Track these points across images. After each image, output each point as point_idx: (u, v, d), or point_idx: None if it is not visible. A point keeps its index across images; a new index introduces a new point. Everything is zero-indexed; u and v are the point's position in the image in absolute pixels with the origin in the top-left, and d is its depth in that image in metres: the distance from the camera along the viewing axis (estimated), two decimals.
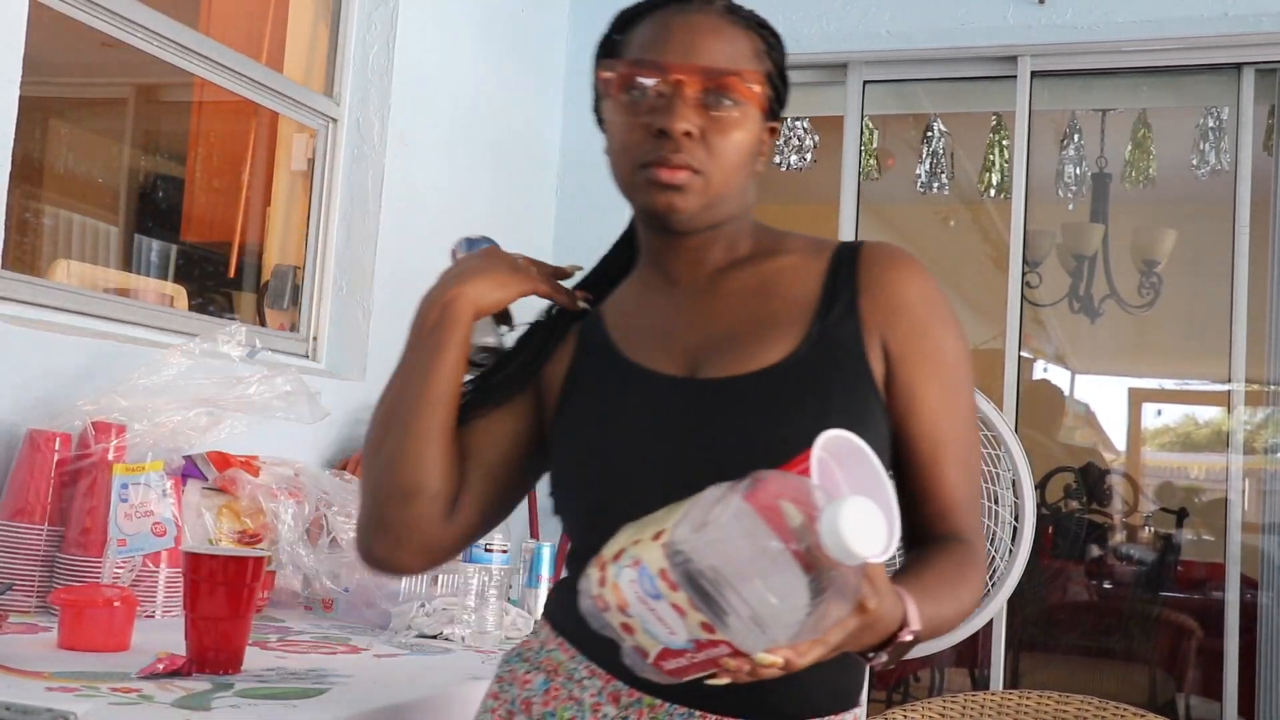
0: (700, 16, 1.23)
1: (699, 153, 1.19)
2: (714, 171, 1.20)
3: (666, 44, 1.21)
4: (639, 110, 1.21)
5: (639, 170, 1.21)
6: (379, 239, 2.94)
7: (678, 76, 1.19)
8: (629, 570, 0.89)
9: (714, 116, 1.20)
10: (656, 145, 1.19)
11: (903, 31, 3.55)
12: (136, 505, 1.82)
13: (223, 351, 2.07)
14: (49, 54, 2.44)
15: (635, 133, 1.21)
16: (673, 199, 1.19)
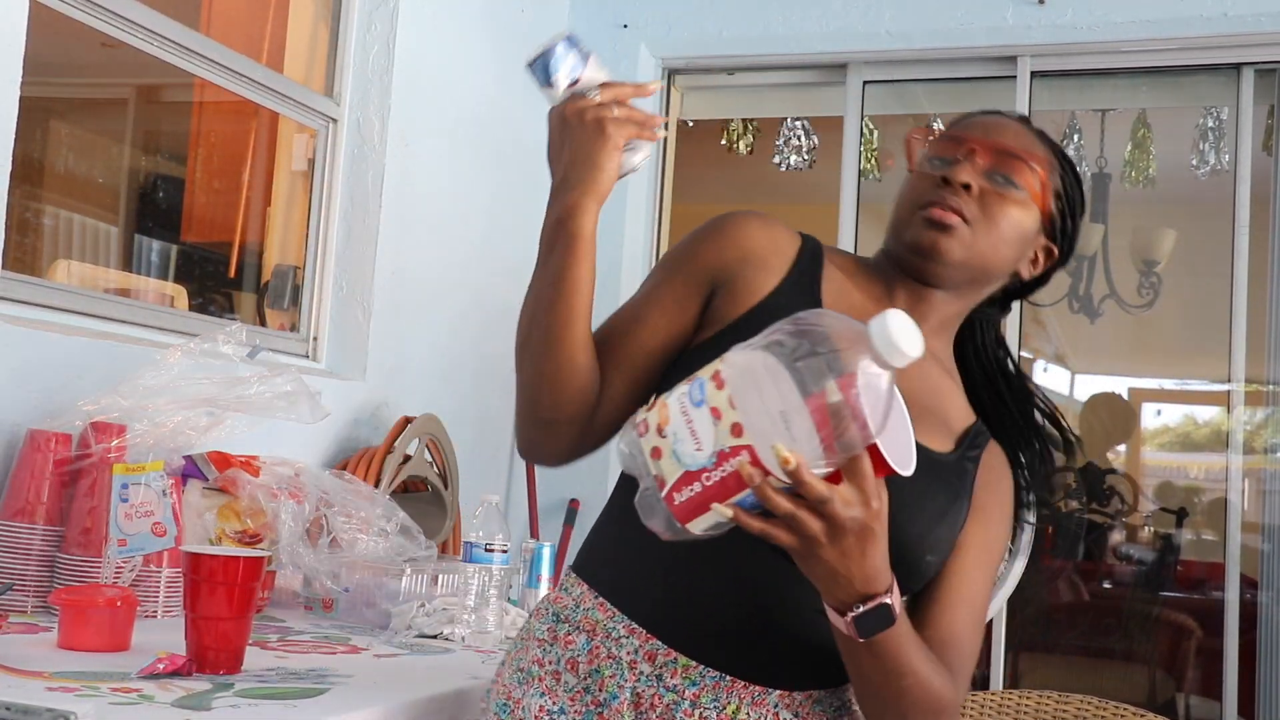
0: (1009, 120, 1.38)
1: (973, 207, 1.30)
2: (981, 230, 1.31)
3: (972, 127, 1.36)
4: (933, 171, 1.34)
5: (915, 210, 1.32)
6: (379, 239, 2.94)
7: (971, 146, 1.33)
8: (682, 385, 0.99)
9: (995, 185, 1.32)
10: (936, 189, 1.31)
11: (903, 31, 3.56)
12: (137, 505, 1.82)
13: (223, 351, 2.07)
14: (49, 54, 2.44)
15: (923, 182, 1.34)
16: (938, 238, 1.30)
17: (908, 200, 1.35)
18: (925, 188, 1.33)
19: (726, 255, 1.33)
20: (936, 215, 1.30)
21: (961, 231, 1.30)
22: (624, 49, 3.77)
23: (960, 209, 1.30)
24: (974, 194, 1.31)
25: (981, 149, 1.33)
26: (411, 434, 2.67)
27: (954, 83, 3.76)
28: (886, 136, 4.40)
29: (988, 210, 1.31)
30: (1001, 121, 1.38)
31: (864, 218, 3.74)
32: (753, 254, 1.33)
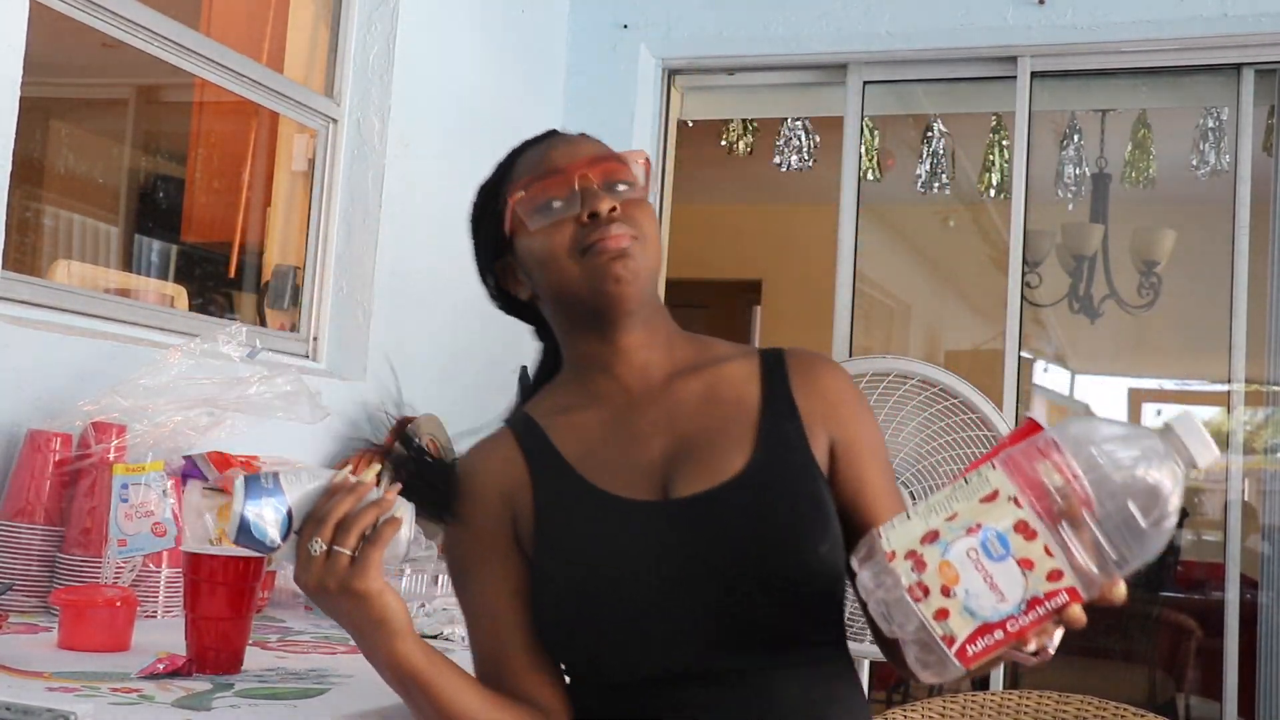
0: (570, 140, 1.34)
1: (625, 226, 1.25)
2: (643, 241, 1.26)
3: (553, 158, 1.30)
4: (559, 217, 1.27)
5: (581, 257, 1.25)
6: (379, 239, 2.94)
7: (580, 173, 1.27)
8: (964, 540, 0.93)
9: (622, 196, 1.27)
10: (593, 228, 1.25)
11: (903, 32, 3.56)
12: (137, 505, 1.82)
13: (223, 352, 2.08)
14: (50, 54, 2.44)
15: (565, 231, 1.26)
16: (627, 263, 1.24)
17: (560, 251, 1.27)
18: (570, 233, 1.26)
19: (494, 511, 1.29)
20: (614, 245, 1.24)
21: (636, 250, 1.25)
22: (624, 49, 3.77)
23: (625, 231, 1.25)
24: (619, 215, 1.26)
25: (590, 170, 1.28)
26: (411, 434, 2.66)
27: (954, 83, 3.76)
28: (886, 136, 4.40)
29: (634, 221, 1.27)
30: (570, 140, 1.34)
31: (864, 218, 3.74)
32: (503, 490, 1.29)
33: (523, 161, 1.34)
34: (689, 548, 1.20)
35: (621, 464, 1.27)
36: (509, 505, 1.29)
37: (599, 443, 1.29)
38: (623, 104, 3.77)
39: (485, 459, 1.33)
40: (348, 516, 1.14)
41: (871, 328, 5.52)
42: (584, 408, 1.32)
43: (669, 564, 1.20)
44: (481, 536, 1.30)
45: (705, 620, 1.19)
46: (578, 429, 1.31)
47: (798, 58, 3.73)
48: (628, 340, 1.30)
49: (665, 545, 1.21)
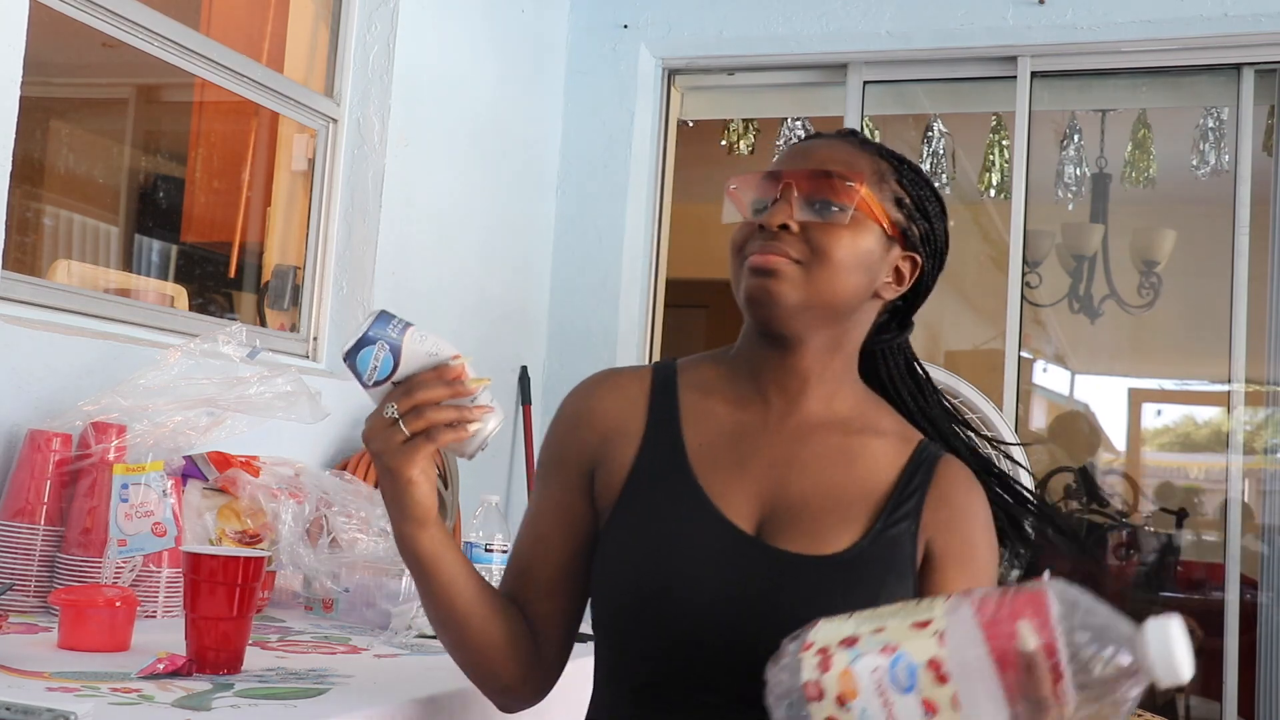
0: (825, 142, 1.31)
1: (799, 246, 1.23)
2: (815, 265, 1.23)
3: (787, 159, 1.30)
4: (754, 215, 1.28)
5: (741, 259, 1.26)
6: (379, 239, 2.94)
7: (786, 181, 1.25)
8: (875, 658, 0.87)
9: (816, 215, 1.24)
10: (758, 236, 1.24)
11: (903, 31, 3.56)
12: (137, 505, 1.82)
13: (223, 352, 2.07)
14: (50, 54, 2.44)
15: (744, 231, 1.27)
16: (766, 283, 1.22)
17: (733, 247, 1.29)
18: (746, 235, 1.27)
19: (588, 443, 1.32)
20: (757, 263, 1.23)
21: (789, 273, 1.23)
22: (624, 49, 3.77)
23: (784, 251, 1.23)
24: (795, 231, 1.23)
25: (796, 180, 1.25)
26: None
27: (954, 83, 3.76)
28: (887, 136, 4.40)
29: (815, 243, 1.23)
30: (815, 145, 1.32)
31: None
32: (609, 429, 1.32)
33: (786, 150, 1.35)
34: (762, 599, 1.20)
35: (732, 477, 1.26)
36: (605, 447, 1.31)
37: (722, 444, 1.29)
38: (623, 104, 3.77)
39: (610, 391, 1.35)
40: (429, 404, 1.16)
41: None
42: (726, 399, 1.31)
43: (737, 603, 1.20)
44: (565, 458, 1.33)
45: (743, 664, 1.15)
46: (710, 418, 1.30)
47: (798, 58, 3.73)
48: (791, 361, 1.29)
49: (741, 583, 1.20)
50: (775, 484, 1.26)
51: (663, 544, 1.24)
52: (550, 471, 1.35)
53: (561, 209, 3.78)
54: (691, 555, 1.22)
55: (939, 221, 1.35)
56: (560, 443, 1.35)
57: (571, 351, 3.69)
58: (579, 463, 1.32)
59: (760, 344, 1.29)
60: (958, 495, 1.29)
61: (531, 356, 3.60)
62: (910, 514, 1.26)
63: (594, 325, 3.69)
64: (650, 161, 3.87)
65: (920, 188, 1.32)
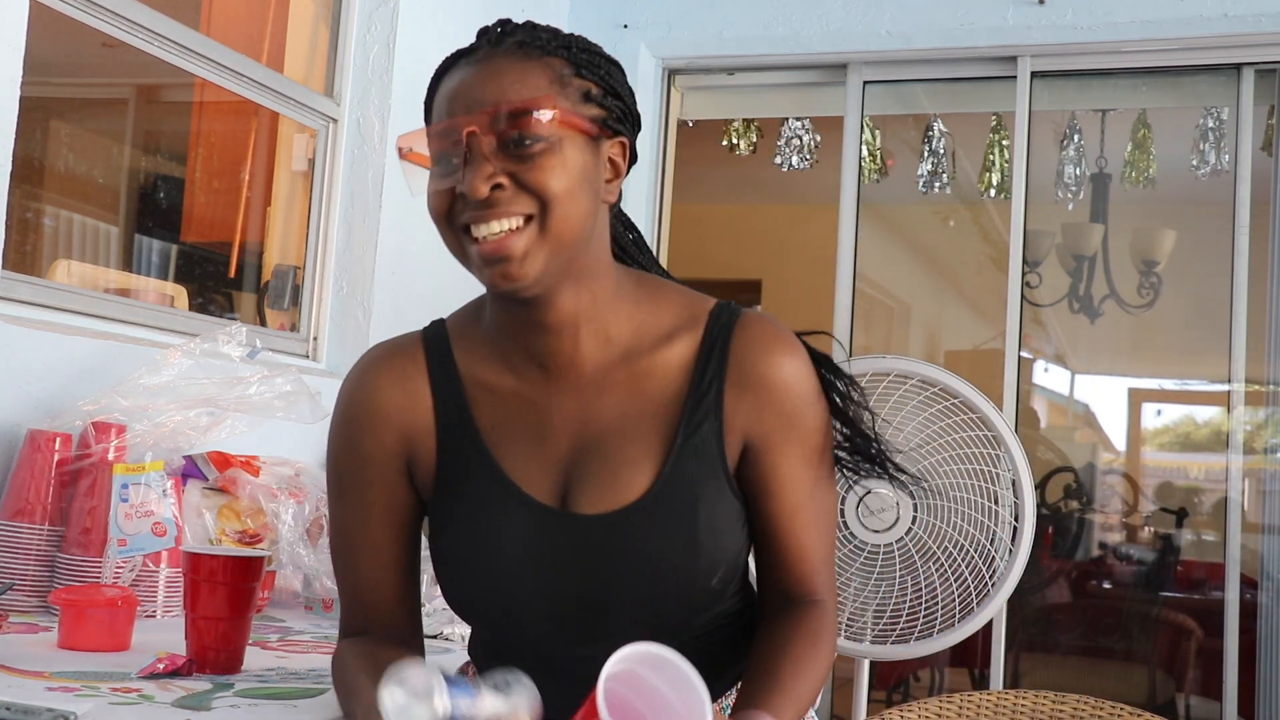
0: (484, 65, 1.15)
1: (521, 199, 1.12)
2: (547, 215, 1.12)
3: (455, 101, 1.15)
4: (448, 176, 1.14)
5: (463, 237, 1.15)
6: (379, 239, 2.94)
7: (468, 129, 1.11)
8: None
9: (521, 158, 1.12)
10: (468, 206, 1.12)
11: (903, 31, 3.56)
12: (137, 505, 1.82)
13: (223, 351, 2.08)
14: (50, 54, 2.44)
15: (443, 198, 1.15)
16: (508, 269, 1.12)
17: (439, 218, 1.16)
18: (448, 202, 1.14)
19: (390, 442, 1.26)
20: (489, 252, 1.12)
21: (522, 243, 1.12)
22: (624, 49, 3.77)
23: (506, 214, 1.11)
24: (507, 186, 1.11)
25: (479, 128, 1.11)
26: None
27: (954, 83, 3.76)
28: (887, 136, 4.40)
29: (531, 188, 1.11)
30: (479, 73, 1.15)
31: (864, 217, 3.74)
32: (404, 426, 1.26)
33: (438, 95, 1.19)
34: (578, 565, 1.19)
35: (529, 453, 1.22)
36: (406, 442, 1.26)
37: (512, 419, 1.23)
38: None
39: (391, 383, 1.28)
40: None
41: (871, 328, 5.52)
42: (503, 370, 1.24)
43: (555, 575, 1.20)
44: (374, 458, 1.26)
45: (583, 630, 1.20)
46: (494, 392, 1.24)
47: (798, 58, 3.73)
48: (550, 319, 1.19)
49: (555, 555, 1.19)
50: (572, 446, 1.21)
51: (478, 537, 1.21)
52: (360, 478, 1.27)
53: None
54: (505, 541, 1.20)
55: (625, 90, 1.23)
56: (360, 447, 1.27)
57: None
58: (389, 460, 1.26)
59: (513, 310, 1.20)
60: (759, 364, 1.21)
61: None
62: (710, 411, 1.20)
63: None
64: (650, 161, 3.87)
65: (599, 68, 1.21)
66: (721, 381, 1.21)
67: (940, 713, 2.05)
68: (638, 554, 1.18)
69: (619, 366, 1.22)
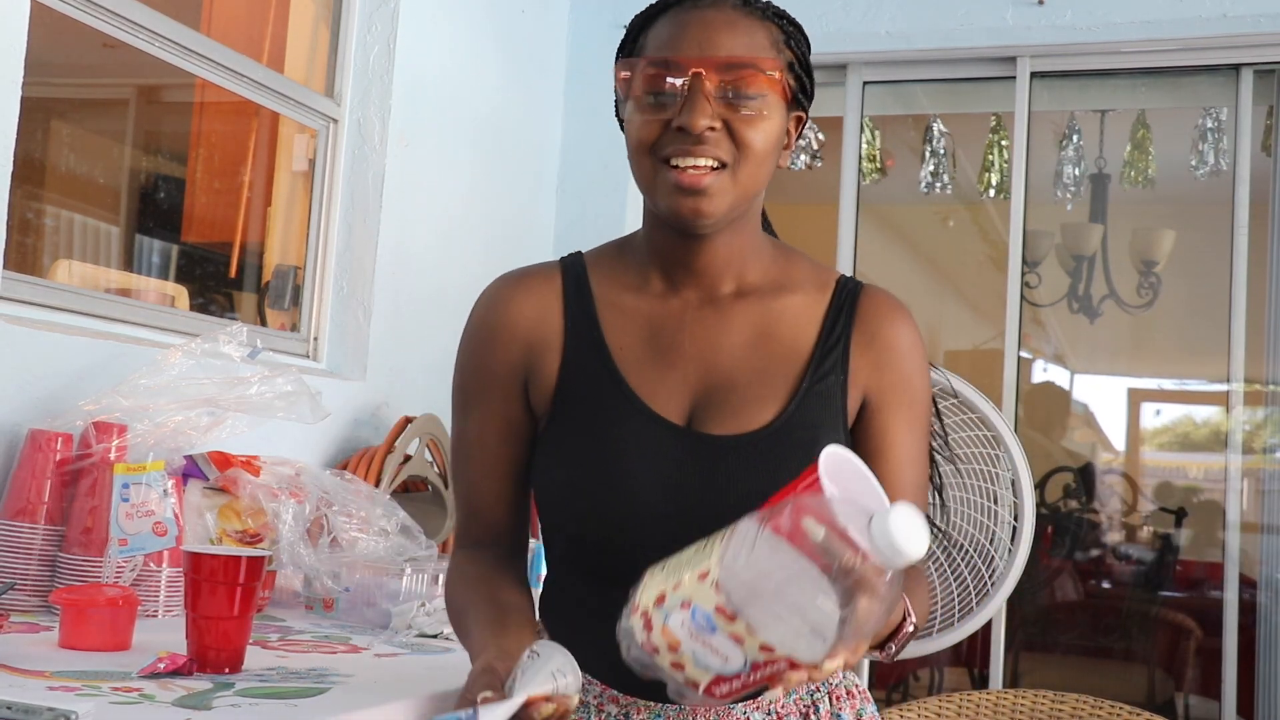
0: (714, 11, 1.23)
1: (725, 145, 1.20)
2: (741, 165, 1.20)
3: (682, 40, 1.21)
4: (659, 108, 1.21)
5: (660, 167, 1.21)
6: (379, 239, 2.95)
7: (695, 70, 1.19)
8: (679, 613, 0.95)
9: (736, 108, 1.20)
10: (677, 140, 1.19)
11: (903, 32, 3.56)
12: (137, 505, 1.83)
13: (224, 352, 2.08)
14: (50, 55, 2.45)
15: (653, 128, 1.21)
16: (698, 203, 1.20)
17: (646, 149, 1.22)
18: (660, 135, 1.21)
19: (513, 354, 1.32)
20: (688, 182, 1.19)
21: (718, 185, 1.20)
22: None
23: (710, 155, 1.19)
24: (720, 131, 1.19)
25: (706, 70, 1.19)
26: (412, 434, 2.67)
27: (954, 83, 3.76)
28: (886, 137, 4.40)
29: (739, 137, 1.20)
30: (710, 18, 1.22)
31: (864, 218, 3.75)
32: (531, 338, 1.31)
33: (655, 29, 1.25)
34: (700, 485, 1.23)
35: (658, 374, 1.27)
36: (529, 355, 1.31)
37: (641, 339, 1.29)
38: None
39: (524, 297, 1.33)
40: None
41: None
42: (639, 292, 1.31)
43: (676, 494, 1.23)
44: (495, 373, 1.33)
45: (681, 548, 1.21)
46: (627, 316, 1.30)
47: None
48: (704, 249, 1.27)
49: (678, 474, 1.23)
50: (700, 373, 1.27)
51: (601, 446, 1.25)
52: (482, 391, 1.34)
53: (561, 209, 3.78)
54: (628, 452, 1.24)
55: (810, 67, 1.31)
56: (485, 360, 1.34)
57: None
58: (510, 375, 1.32)
59: (669, 235, 1.27)
60: (884, 328, 1.30)
61: None
62: (837, 365, 1.27)
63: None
64: None
65: (802, 43, 1.29)
66: (848, 339, 1.28)
67: (940, 712, 2.06)
68: (755, 478, 1.21)
69: (752, 306, 1.29)
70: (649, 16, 1.27)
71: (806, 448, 1.20)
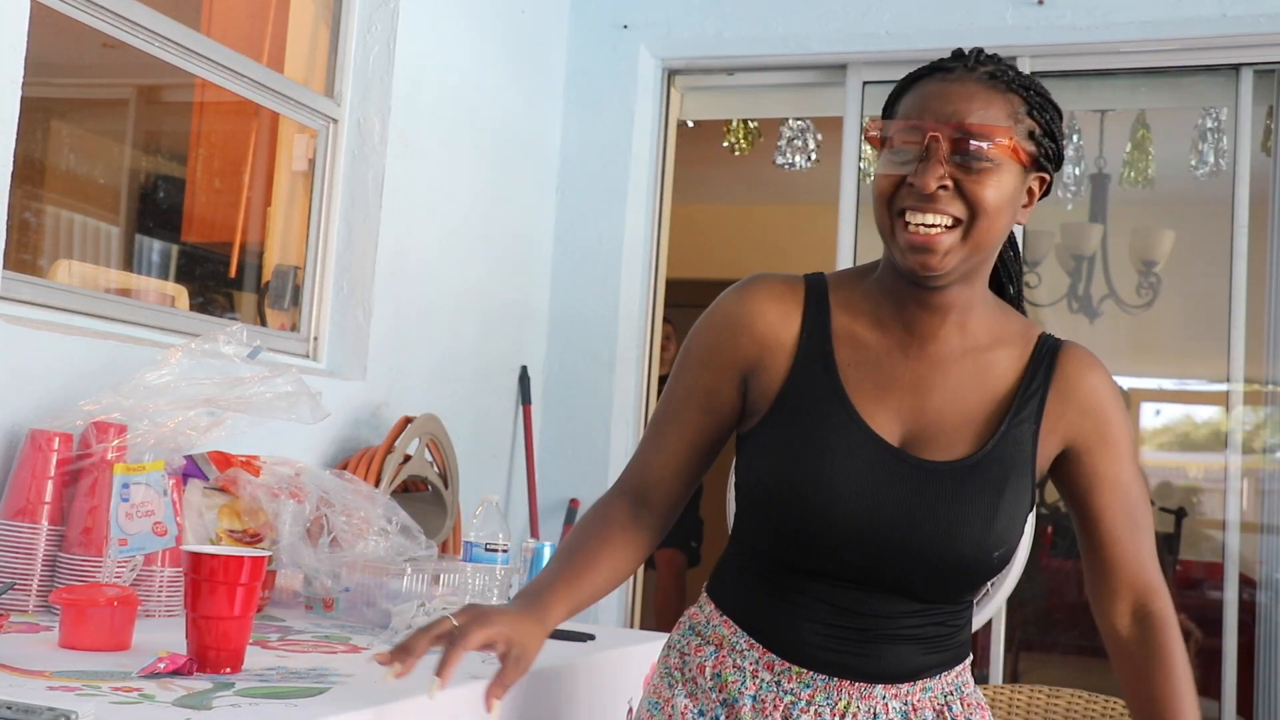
0: (959, 84, 1.34)
1: (956, 204, 1.30)
2: (972, 223, 1.30)
3: (925, 108, 1.33)
4: (900, 166, 1.33)
5: (896, 221, 1.32)
6: (379, 239, 2.95)
7: (932, 134, 1.30)
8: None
9: (967, 168, 1.30)
10: (911, 196, 1.30)
11: (903, 32, 3.56)
12: (137, 505, 1.83)
13: (224, 352, 2.08)
14: (51, 55, 2.45)
15: (891, 183, 1.33)
16: (928, 260, 1.30)
17: (881, 198, 1.35)
18: (893, 189, 1.33)
19: (746, 348, 1.43)
20: (918, 241, 1.30)
21: (947, 241, 1.31)
22: (624, 49, 3.77)
23: (941, 212, 1.30)
24: (951, 190, 1.31)
25: (941, 134, 1.31)
26: (411, 434, 2.68)
27: None
28: None
29: (969, 198, 1.31)
30: (954, 89, 1.35)
31: (864, 218, 3.75)
32: (767, 339, 1.43)
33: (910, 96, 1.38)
34: (903, 501, 1.34)
35: (877, 398, 1.39)
36: (759, 353, 1.42)
37: (868, 366, 1.40)
38: (623, 104, 3.77)
39: (769, 300, 1.45)
40: None
41: None
42: (871, 323, 1.42)
43: (880, 505, 1.34)
44: (723, 355, 1.44)
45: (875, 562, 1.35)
46: (857, 341, 1.41)
47: (797, 58, 3.73)
48: (935, 300, 1.37)
49: (884, 488, 1.35)
50: (915, 405, 1.39)
51: (815, 447, 1.36)
52: (703, 364, 1.45)
53: (561, 209, 3.78)
54: (840, 458, 1.35)
55: (1060, 134, 1.42)
56: (717, 342, 1.45)
57: (571, 352, 3.69)
58: (735, 363, 1.43)
59: (904, 282, 1.37)
60: (1082, 382, 1.42)
61: (531, 356, 3.61)
62: (1031, 415, 1.39)
63: (594, 325, 3.70)
64: (650, 162, 3.87)
65: (1048, 111, 1.38)
66: (1045, 390, 1.41)
67: None
68: (951, 502, 1.34)
69: (967, 355, 1.41)
70: (908, 83, 1.41)
71: (996, 484, 1.36)
